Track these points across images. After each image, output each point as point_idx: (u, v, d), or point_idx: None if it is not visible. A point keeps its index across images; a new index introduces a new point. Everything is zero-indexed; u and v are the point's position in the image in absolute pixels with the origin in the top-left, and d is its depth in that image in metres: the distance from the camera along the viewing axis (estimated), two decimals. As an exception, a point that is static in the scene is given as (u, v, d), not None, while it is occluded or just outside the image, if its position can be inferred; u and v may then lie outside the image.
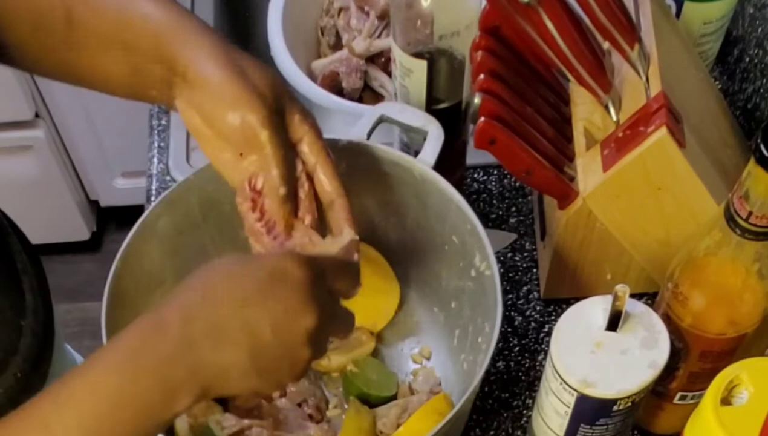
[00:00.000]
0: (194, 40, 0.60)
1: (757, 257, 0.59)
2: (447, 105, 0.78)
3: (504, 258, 0.87)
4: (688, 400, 0.71)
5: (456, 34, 0.73)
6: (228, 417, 0.71)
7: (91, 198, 1.81)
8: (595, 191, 0.71)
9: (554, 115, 0.77)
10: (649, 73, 0.70)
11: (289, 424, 0.74)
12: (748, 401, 0.56)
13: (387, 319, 0.80)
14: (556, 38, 0.68)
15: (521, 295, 0.85)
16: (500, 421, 0.79)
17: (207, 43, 0.60)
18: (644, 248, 0.76)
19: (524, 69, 0.75)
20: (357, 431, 0.72)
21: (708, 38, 0.92)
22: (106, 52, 0.61)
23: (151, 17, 0.60)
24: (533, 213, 0.89)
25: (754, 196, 0.55)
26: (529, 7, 0.66)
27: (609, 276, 0.79)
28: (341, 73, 0.99)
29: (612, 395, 0.62)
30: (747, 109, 0.92)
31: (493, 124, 0.69)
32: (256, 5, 1.10)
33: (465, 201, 0.70)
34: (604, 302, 0.63)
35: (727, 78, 0.97)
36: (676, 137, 0.67)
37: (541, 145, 0.73)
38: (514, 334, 0.83)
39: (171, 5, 0.61)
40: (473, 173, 0.92)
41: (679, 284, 0.64)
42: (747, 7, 0.93)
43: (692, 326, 0.64)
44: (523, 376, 0.81)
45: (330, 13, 1.03)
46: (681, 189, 0.70)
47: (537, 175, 0.72)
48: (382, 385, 0.77)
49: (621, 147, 0.69)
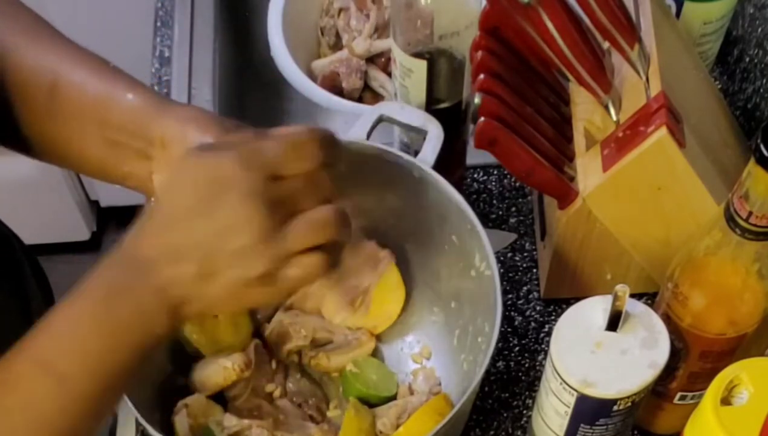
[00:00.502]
0: (175, 110, 0.61)
1: (757, 257, 0.59)
2: (447, 105, 0.78)
3: (504, 258, 0.87)
4: (688, 400, 0.71)
5: (456, 34, 0.73)
6: (228, 417, 0.71)
7: (91, 198, 1.82)
8: (595, 191, 0.71)
9: (554, 115, 0.77)
10: (649, 73, 0.70)
11: (290, 424, 0.74)
12: (748, 401, 0.56)
13: (389, 323, 0.80)
14: (556, 38, 0.68)
15: (521, 295, 0.85)
16: (500, 421, 0.79)
17: (188, 111, 0.61)
18: (644, 248, 0.76)
19: (524, 69, 0.75)
20: (357, 432, 0.72)
21: (708, 38, 0.92)
22: (83, 124, 0.62)
23: (132, 97, 0.61)
24: (533, 213, 0.89)
25: (754, 196, 0.55)
26: (529, 7, 0.66)
27: (609, 276, 0.79)
28: (341, 74, 0.99)
29: (612, 395, 0.62)
30: (747, 109, 0.92)
31: (493, 124, 0.69)
32: (256, 5, 1.10)
33: (465, 201, 0.70)
34: (604, 302, 0.63)
35: (727, 78, 0.97)
36: (676, 137, 0.67)
37: (541, 145, 0.73)
38: (514, 334, 0.83)
39: (152, 91, 0.63)
40: (473, 173, 0.92)
41: (679, 284, 0.64)
42: (747, 7, 0.93)
43: (692, 326, 0.64)
44: (523, 376, 0.81)
45: (330, 14, 1.03)
46: (681, 189, 0.70)
47: (537, 176, 0.72)
48: (382, 385, 0.77)
49: (621, 147, 0.69)
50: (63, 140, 0.63)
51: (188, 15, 1.05)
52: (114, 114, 0.61)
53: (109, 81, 0.62)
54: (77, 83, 0.62)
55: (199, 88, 0.99)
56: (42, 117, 0.63)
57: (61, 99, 0.62)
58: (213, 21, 1.04)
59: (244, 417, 0.72)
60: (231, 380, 0.72)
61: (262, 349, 0.76)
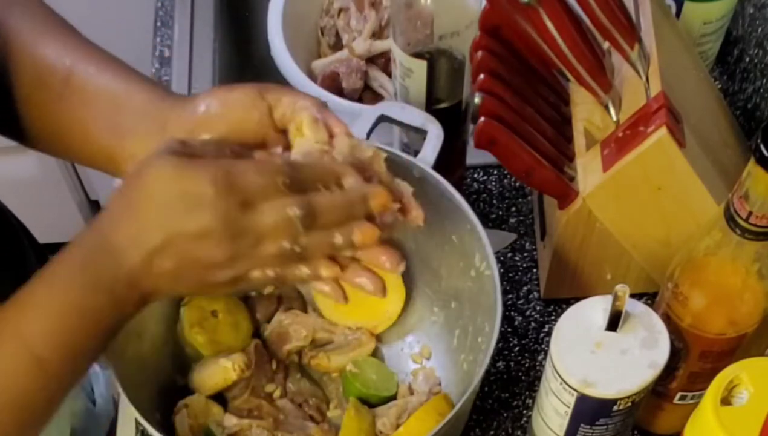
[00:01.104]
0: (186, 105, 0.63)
1: (757, 257, 0.59)
2: (447, 105, 0.78)
3: (504, 258, 0.87)
4: (688, 400, 0.71)
5: (456, 34, 0.73)
6: (228, 417, 0.71)
7: (91, 198, 1.81)
8: (595, 191, 0.71)
9: (554, 115, 0.77)
10: (649, 73, 0.70)
11: (290, 424, 0.74)
12: (748, 401, 0.56)
13: (389, 323, 0.80)
14: (556, 38, 0.68)
15: (521, 295, 0.85)
16: (500, 421, 0.79)
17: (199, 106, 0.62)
18: (644, 248, 0.76)
19: (524, 69, 0.75)
20: (357, 432, 0.72)
21: (708, 38, 0.92)
22: (95, 110, 0.64)
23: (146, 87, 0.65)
24: (533, 213, 0.89)
25: (754, 196, 0.55)
26: (529, 7, 0.66)
27: (609, 276, 0.79)
28: (341, 74, 0.99)
29: (612, 395, 0.62)
30: (747, 109, 0.92)
31: (493, 124, 0.69)
32: (256, 5, 1.10)
33: (465, 201, 0.70)
34: (604, 302, 0.63)
35: (727, 78, 0.97)
36: (676, 137, 0.67)
37: (541, 145, 0.73)
38: (514, 334, 0.83)
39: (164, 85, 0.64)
40: (473, 173, 0.92)
41: (679, 284, 0.64)
42: (747, 7, 0.93)
43: (692, 326, 0.64)
44: (523, 376, 0.81)
45: (330, 14, 1.03)
46: (681, 189, 0.70)
47: (537, 176, 0.72)
48: (382, 385, 0.77)
49: (621, 147, 0.69)
50: (70, 126, 0.65)
51: (188, 15, 1.05)
52: (127, 102, 0.64)
53: (122, 72, 0.65)
54: (92, 72, 0.65)
55: (199, 88, 0.99)
56: (54, 103, 0.65)
57: (75, 86, 0.64)
58: (213, 21, 1.04)
59: (244, 417, 0.72)
60: (231, 380, 0.72)
61: (262, 349, 0.76)
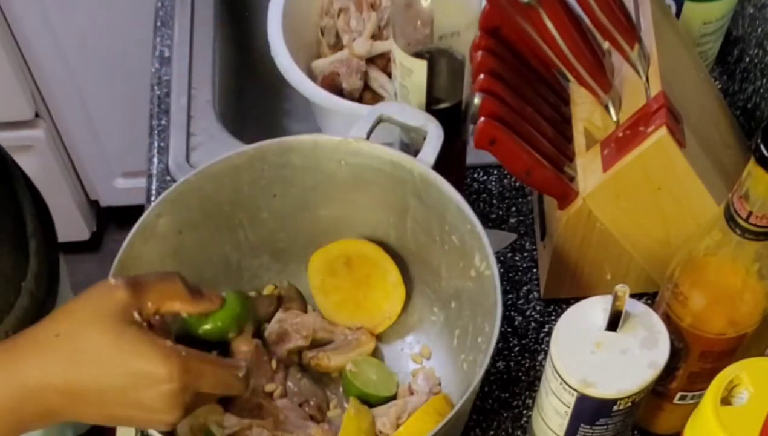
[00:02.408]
0: None
1: (757, 257, 0.59)
2: (447, 105, 0.78)
3: (504, 258, 0.87)
4: (688, 400, 0.71)
5: (456, 34, 0.73)
6: (228, 417, 0.71)
7: (91, 198, 1.82)
8: (595, 191, 0.71)
9: (554, 115, 0.77)
10: (649, 73, 0.70)
11: (290, 424, 0.74)
12: (748, 401, 0.56)
13: (389, 323, 0.80)
14: (556, 38, 0.68)
15: (521, 295, 0.85)
16: (500, 421, 0.79)
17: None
18: (644, 248, 0.76)
19: (524, 69, 0.75)
20: (357, 431, 0.72)
21: (708, 38, 0.92)
22: None
23: None
24: (533, 213, 0.89)
25: (754, 197, 0.55)
26: (529, 7, 0.66)
27: (609, 276, 0.79)
28: (341, 74, 0.99)
29: (612, 395, 0.62)
30: (747, 109, 0.92)
31: (493, 124, 0.69)
32: (256, 5, 1.10)
33: (465, 201, 0.70)
34: (604, 302, 0.63)
35: (727, 78, 0.97)
36: (676, 137, 0.67)
37: (541, 145, 0.73)
38: (514, 334, 0.83)
39: None
40: (473, 173, 0.92)
41: (679, 284, 0.64)
42: (747, 7, 0.93)
43: (692, 326, 0.64)
44: (523, 376, 0.81)
45: (330, 14, 1.03)
46: (681, 189, 0.70)
47: (537, 175, 0.72)
48: (382, 385, 0.77)
49: (621, 147, 0.69)
50: None
51: (188, 15, 1.05)
52: None
53: None
54: None
55: (199, 88, 0.99)
56: None
57: None
58: (213, 21, 1.04)
59: (244, 417, 0.72)
60: (231, 380, 0.72)
61: (262, 349, 0.76)
